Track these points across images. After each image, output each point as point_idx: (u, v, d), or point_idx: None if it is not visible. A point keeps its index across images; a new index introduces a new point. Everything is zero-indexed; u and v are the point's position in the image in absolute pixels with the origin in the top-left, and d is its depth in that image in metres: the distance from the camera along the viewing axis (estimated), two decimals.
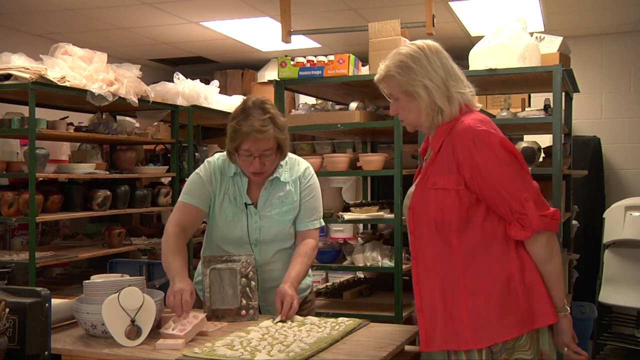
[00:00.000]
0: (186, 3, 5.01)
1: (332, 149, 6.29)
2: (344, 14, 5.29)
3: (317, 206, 2.62)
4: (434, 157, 2.06)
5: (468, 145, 1.96)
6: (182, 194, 2.55)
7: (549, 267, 2.00)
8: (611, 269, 5.20)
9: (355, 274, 4.84)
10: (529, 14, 5.12)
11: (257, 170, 2.44)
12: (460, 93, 2.06)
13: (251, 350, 1.97)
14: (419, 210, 2.05)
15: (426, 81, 2.02)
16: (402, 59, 2.05)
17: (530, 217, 1.94)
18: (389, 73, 2.08)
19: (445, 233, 1.99)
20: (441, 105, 2.03)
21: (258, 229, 2.51)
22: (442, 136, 2.04)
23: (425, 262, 2.05)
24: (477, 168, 1.95)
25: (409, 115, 2.10)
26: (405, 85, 2.05)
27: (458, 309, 1.97)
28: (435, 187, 2.01)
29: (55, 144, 4.84)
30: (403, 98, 2.08)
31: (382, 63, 2.11)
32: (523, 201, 1.94)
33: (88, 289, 2.19)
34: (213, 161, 2.59)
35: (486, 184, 1.95)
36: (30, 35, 5.84)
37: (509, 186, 1.94)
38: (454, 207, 1.97)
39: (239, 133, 2.38)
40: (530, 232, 1.95)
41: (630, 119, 6.14)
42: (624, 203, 5.29)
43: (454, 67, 2.09)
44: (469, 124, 1.99)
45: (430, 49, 2.07)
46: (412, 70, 2.03)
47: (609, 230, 5.25)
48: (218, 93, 5.59)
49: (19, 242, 4.63)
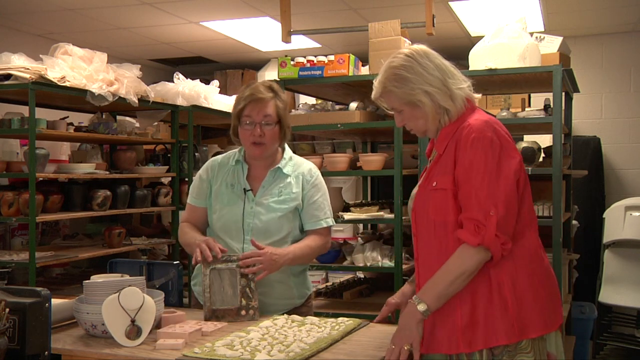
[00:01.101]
0: (186, 3, 5.01)
1: (332, 149, 6.29)
2: (344, 14, 5.29)
3: (324, 206, 2.63)
4: (438, 159, 2.06)
5: (466, 144, 1.96)
6: (189, 195, 2.72)
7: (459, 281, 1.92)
8: (611, 269, 5.20)
9: (355, 274, 4.84)
10: (529, 14, 5.12)
11: (257, 138, 2.50)
12: (460, 89, 2.05)
13: (251, 350, 1.97)
14: (420, 211, 2.06)
15: (425, 87, 2.01)
16: (396, 71, 2.04)
17: (488, 229, 1.89)
18: (387, 89, 2.06)
19: (442, 234, 1.99)
20: (446, 105, 2.03)
21: (253, 215, 2.52)
22: (447, 137, 2.03)
23: (425, 264, 2.05)
24: (463, 165, 1.95)
25: (417, 123, 2.09)
26: (406, 96, 2.03)
27: (451, 312, 1.97)
28: (435, 187, 2.01)
29: (55, 144, 4.84)
30: (407, 109, 2.07)
31: (375, 80, 2.10)
32: (488, 214, 1.90)
33: (88, 289, 2.19)
34: (214, 158, 2.70)
35: (465, 183, 1.94)
36: (30, 35, 5.84)
37: (483, 195, 1.91)
38: (450, 207, 1.97)
39: (242, 98, 2.53)
40: (479, 241, 1.90)
41: (630, 119, 6.14)
42: (624, 203, 5.29)
43: (447, 64, 2.08)
44: (474, 125, 1.98)
45: (419, 54, 2.05)
46: (408, 80, 2.02)
47: (609, 230, 5.26)
48: (218, 93, 5.59)
49: (19, 242, 4.63)
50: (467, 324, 1.95)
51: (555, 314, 2.03)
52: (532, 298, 1.97)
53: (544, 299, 2.00)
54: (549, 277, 2.06)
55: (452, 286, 1.93)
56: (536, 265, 2.02)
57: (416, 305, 1.95)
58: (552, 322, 2.01)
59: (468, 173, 1.94)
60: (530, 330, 1.95)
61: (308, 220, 2.60)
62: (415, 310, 1.95)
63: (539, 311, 1.97)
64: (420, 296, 1.96)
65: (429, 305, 1.94)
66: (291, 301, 2.60)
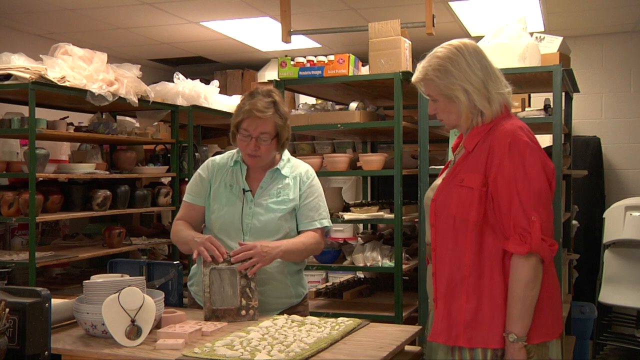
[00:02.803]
0: (186, 3, 5.01)
1: (332, 149, 6.29)
2: (344, 14, 5.29)
3: (319, 207, 2.64)
4: (466, 155, 2.05)
5: (503, 149, 1.95)
6: (185, 194, 2.70)
7: (528, 292, 1.92)
8: (611, 269, 5.20)
9: (355, 274, 4.84)
10: (529, 14, 5.12)
11: (251, 152, 2.51)
12: (500, 93, 2.04)
13: (251, 350, 1.97)
14: (442, 204, 2.05)
15: (466, 85, 2.00)
16: (441, 62, 2.02)
17: (533, 235, 1.90)
18: (428, 76, 2.05)
19: (460, 230, 1.99)
20: (481, 107, 2.02)
21: (251, 215, 2.53)
22: (478, 136, 2.03)
23: (441, 255, 2.06)
24: (502, 172, 1.94)
25: (449, 117, 2.08)
26: (445, 89, 2.03)
27: (457, 306, 1.99)
28: (461, 184, 2.01)
29: (55, 144, 4.84)
30: (442, 100, 2.06)
31: (419, 64, 2.08)
32: (530, 219, 1.91)
33: (88, 289, 2.19)
34: (213, 158, 2.71)
35: (504, 190, 1.93)
36: (30, 35, 5.84)
37: (524, 201, 1.92)
38: (474, 206, 1.97)
39: (241, 110, 2.51)
40: (528, 249, 1.90)
41: (630, 119, 6.14)
42: (624, 203, 5.29)
43: (493, 66, 2.05)
44: (510, 130, 1.97)
45: (469, 50, 2.03)
46: (450, 73, 2.01)
47: (609, 230, 5.26)
48: (218, 93, 5.59)
49: (19, 242, 4.63)
50: (470, 320, 1.96)
51: (557, 321, 2.04)
52: (538, 305, 1.96)
53: (549, 308, 2.00)
54: (556, 288, 2.07)
55: (527, 301, 1.92)
56: (548, 276, 2.01)
57: (508, 339, 1.93)
58: (554, 330, 2.01)
59: (506, 179, 1.93)
60: (534, 335, 1.95)
61: (302, 221, 2.61)
62: (509, 344, 1.93)
63: (543, 318, 1.97)
64: (506, 328, 1.94)
65: (517, 332, 1.92)
66: (288, 300, 2.61)
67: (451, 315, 2.00)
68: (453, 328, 1.99)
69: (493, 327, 1.95)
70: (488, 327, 1.95)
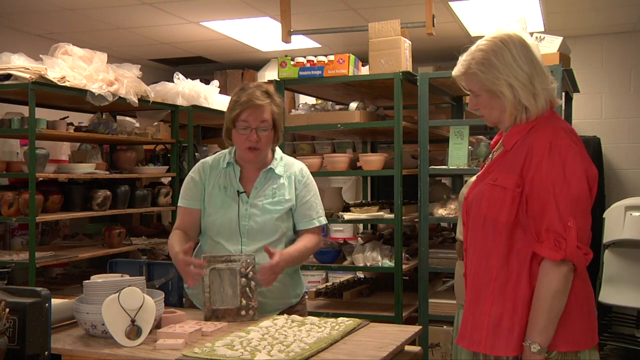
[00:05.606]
0: (186, 3, 5.01)
1: (332, 149, 6.29)
2: (344, 14, 5.29)
3: (316, 205, 2.64)
4: (504, 154, 1.97)
5: (543, 150, 1.86)
6: (180, 199, 2.65)
7: (555, 302, 1.83)
8: (611, 269, 5.19)
9: (355, 274, 4.84)
10: (529, 14, 5.12)
11: (253, 143, 2.49)
12: (546, 89, 1.94)
13: (251, 350, 1.97)
14: (472, 201, 2.00)
15: (511, 79, 1.90)
16: (485, 55, 1.93)
17: (569, 242, 1.82)
18: (470, 70, 1.96)
19: (490, 231, 1.92)
20: (527, 104, 1.92)
21: (248, 217, 2.52)
22: (518, 135, 1.94)
23: (472, 254, 2.00)
24: (539, 173, 1.85)
25: (491, 113, 1.98)
26: (489, 83, 1.93)
27: (482, 310, 1.93)
28: (494, 182, 1.93)
29: (55, 144, 4.84)
30: (485, 95, 1.96)
31: (461, 57, 2.00)
32: (567, 225, 1.83)
33: (88, 289, 2.19)
34: (204, 160, 2.68)
35: (540, 192, 1.85)
36: (30, 35, 5.84)
37: (561, 205, 1.83)
38: (505, 207, 1.89)
39: (238, 103, 2.50)
40: (562, 256, 1.82)
41: (630, 119, 6.14)
42: (624, 203, 5.28)
43: (539, 60, 1.96)
44: (552, 131, 1.89)
45: (514, 43, 1.93)
46: (495, 67, 1.91)
47: (609, 230, 5.25)
48: (218, 93, 5.59)
49: (19, 242, 4.63)
50: (492, 327, 1.90)
51: (589, 331, 1.94)
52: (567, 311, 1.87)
53: (579, 316, 1.91)
54: (588, 296, 1.99)
55: (553, 310, 1.83)
56: (579, 281, 1.94)
57: (530, 348, 1.85)
58: (586, 340, 1.91)
59: (543, 181, 1.85)
60: (560, 343, 1.86)
61: (301, 220, 2.61)
62: (531, 353, 1.85)
63: (571, 326, 1.88)
64: (528, 337, 1.86)
65: (540, 342, 1.83)
66: (287, 300, 2.61)
67: (475, 318, 1.94)
68: (475, 333, 1.93)
69: (514, 334, 1.88)
70: (509, 334, 1.88)
